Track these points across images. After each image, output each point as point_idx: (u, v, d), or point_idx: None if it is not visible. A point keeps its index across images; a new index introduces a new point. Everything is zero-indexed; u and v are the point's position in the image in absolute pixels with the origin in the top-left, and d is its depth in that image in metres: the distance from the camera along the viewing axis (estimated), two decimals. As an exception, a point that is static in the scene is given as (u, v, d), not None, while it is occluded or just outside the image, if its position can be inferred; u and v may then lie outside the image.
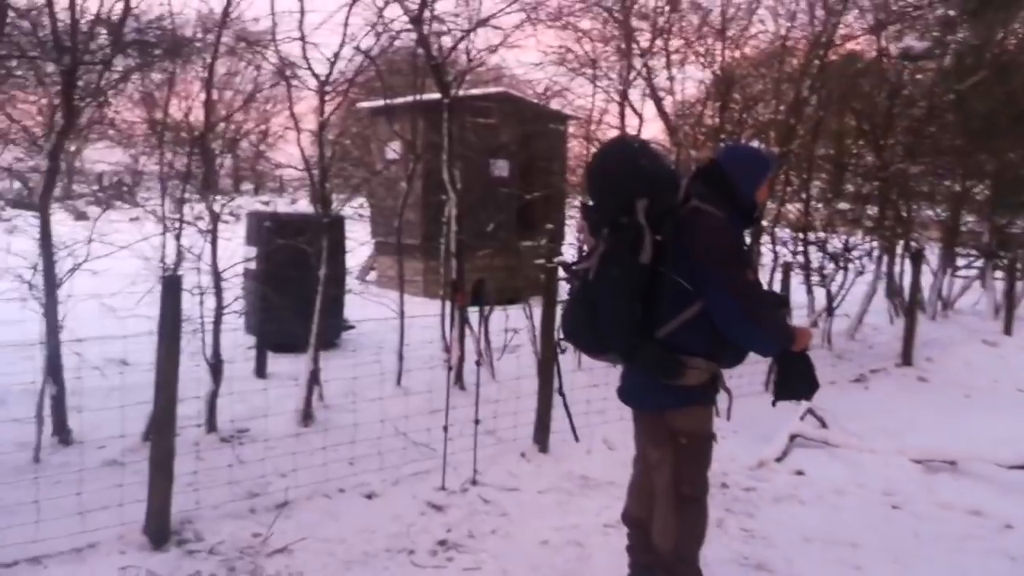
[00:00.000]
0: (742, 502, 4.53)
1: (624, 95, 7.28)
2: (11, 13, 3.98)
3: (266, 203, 21.47)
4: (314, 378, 5.35)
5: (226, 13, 4.44)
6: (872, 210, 9.52)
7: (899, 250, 10.60)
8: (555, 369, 5.11)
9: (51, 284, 4.25)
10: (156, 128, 4.74)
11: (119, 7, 4.19)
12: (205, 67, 4.63)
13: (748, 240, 3.44)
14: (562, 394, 3.64)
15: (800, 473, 5.05)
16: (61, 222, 4.59)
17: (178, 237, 4.58)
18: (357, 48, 5.45)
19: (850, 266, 8.58)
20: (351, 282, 9.07)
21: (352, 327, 7.92)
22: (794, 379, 2.91)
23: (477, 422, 4.56)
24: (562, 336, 2.90)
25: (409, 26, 5.56)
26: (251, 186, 26.77)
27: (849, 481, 4.90)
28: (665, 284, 2.66)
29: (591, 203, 2.87)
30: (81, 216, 15.18)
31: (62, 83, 3.96)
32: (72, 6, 3.98)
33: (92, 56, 4.26)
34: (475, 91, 9.10)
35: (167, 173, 4.78)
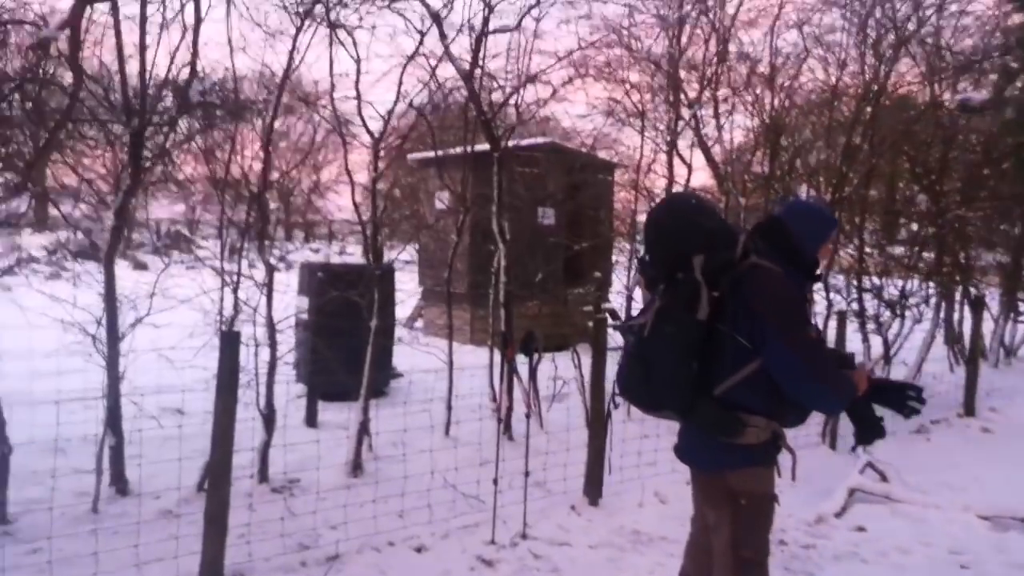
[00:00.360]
0: (801, 560, 4.39)
1: (672, 145, 7.31)
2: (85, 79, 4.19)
3: (316, 251, 21.89)
4: (364, 429, 5.38)
5: (286, 75, 4.62)
6: (929, 255, 9.29)
7: (958, 296, 10.32)
8: (607, 422, 5.11)
9: (114, 337, 4.39)
10: (217, 185, 4.90)
11: (186, 71, 4.40)
12: (265, 126, 4.80)
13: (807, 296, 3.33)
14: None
15: (861, 529, 4.88)
16: (119, 275, 4.73)
17: (235, 290, 4.69)
18: (410, 104, 5.60)
19: (907, 313, 8.37)
20: (399, 330, 9.17)
21: (400, 375, 7.97)
22: (868, 424, 2.81)
23: (527, 474, 4.53)
24: (617, 392, 2.85)
25: (460, 83, 5.70)
26: (301, 234, 27.38)
27: (913, 539, 4.72)
28: (723, 341, 2.60)
29: (647, 258, 2.85)
30: (140, 266, 15.66)
31: (131, 144, 4.15)
32: (142, 71, 4.19)
33: (159, 118, 4.47)
34: (522, 142, 9.22)
35: (226, 226, 4.92)
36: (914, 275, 8.81)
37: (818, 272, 2.95)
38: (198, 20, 4.37)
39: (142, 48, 4.23)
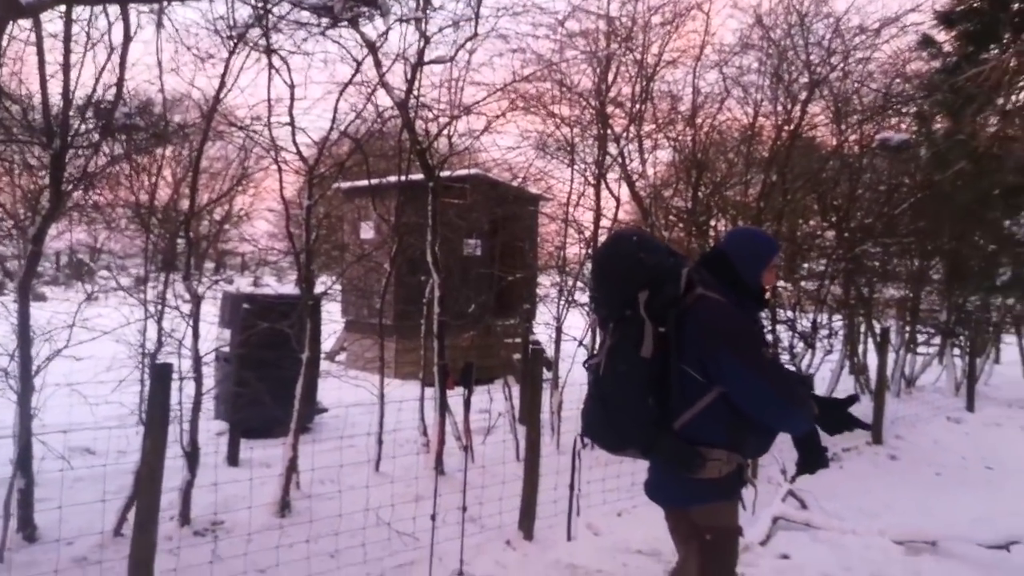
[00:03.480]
0: (732, 589, 4.44)
1: (600, 178, 7.46)
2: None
3: (230, 281, 21.14)
4: (292, 466, 5.18)
5: (217, 99, 4.47)
6: (836, 289, 9.74)
7: (862, 328, 10.81)
8: (538, 456, 5.09)
9: (27, 372, 4.10)
10: (140, 212, 4.69)
11: (111, 92, 4.21)
12: (193, 151, 4.65)
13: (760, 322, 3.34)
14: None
15: (786, 557, 4.98)
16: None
17: (159, 321, 4.47)
18: (344, 132, 5.53)
19: (818, 345, 8.71)
20: (323, 364, 8.94)
21: (325, 410, 7.76)
22: (814, 454, 2.86)
23: (464, 510, 4.45)
24: (581, 433, 2.84)
25: (395, 112, 5.67)
26: (212, 264, 26.34)
27: (836, 565, 4.85)
28: (676, 375, 2.61)
29: (596, 297, 2.87)
30: (39, 297, 14.78)
31: (51, 167, 3.92)
32: (65, 91, 3.98)
33: (81, 140, 4.25)
34: (449, 172, 9.22)
35: (149, 254, 4.71)
36: (823, 308, 9.20)
37: (767, 297, 3.01)
38: (126, 40, 4.19)
39: (66, 67, 4.02)
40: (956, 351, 12.17)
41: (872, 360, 9.63)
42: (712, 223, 8.88)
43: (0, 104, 3.85)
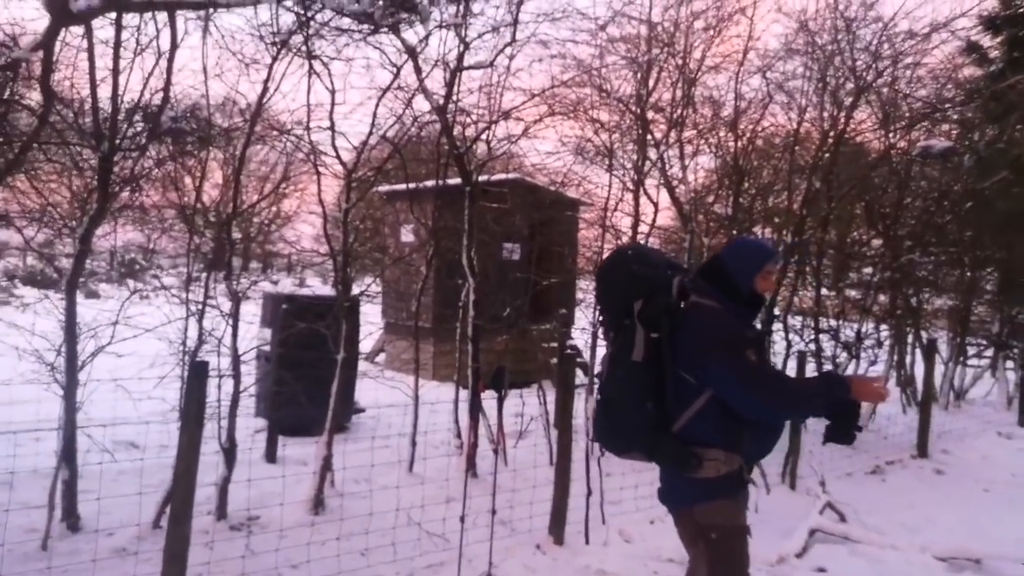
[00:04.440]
0: (765, 601, 4.40)
1: (639, 184, 7.43)
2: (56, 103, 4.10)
3: (275, 282, 21.50)
4: (327, 464, 5.26)
5: (260, 104, 4.59)
6: (883, 298, 9.54)
7: (910, 339, 10.56)
8: (570, 460, 5.09)
9: (73, 367, 4.25)
10: (184, 212, 4.82)
11: (158, 97, 4.35)
12: (236, 154, 4.76)
13: (760, 327, 3.46)
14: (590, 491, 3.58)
15: (822, 570, 4.92)
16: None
17: (200, 320, 4.59)
18: (383, 137, 5.61)
19: (862, 355, 8.54)
20: (362, 364, 9.06)
21: (362, 410, 7.85)
22: (843, 427, 2.81)
23: (494, 512, 4.47)
24: (591, 438, 2.97)
25: (434, 117, 5.73)
26: (258, 265, 26.84)
27: (873, 580, 4.77)
28: (671, 379, 2.74)
29: (601, 309, 3.03)
30: (92, 294, 15.24)
31: (99, 169, 4.06)
32: (114, 96, 4.13)
33: (129, 143, 4.40)
34: (490, 177, 9.26)
35: (192, 254, 4.83)
36: (869, 318, 9.01)
37: (763, 303, 3.09)
38: (173, 46, 4.33)
39: (115, 72, 4.17)
40: (1009, 364, 11.82)
41: (920, 372, 9.40)
42: (755, 230, 8.77)
43: (52, 108, 3.99)
